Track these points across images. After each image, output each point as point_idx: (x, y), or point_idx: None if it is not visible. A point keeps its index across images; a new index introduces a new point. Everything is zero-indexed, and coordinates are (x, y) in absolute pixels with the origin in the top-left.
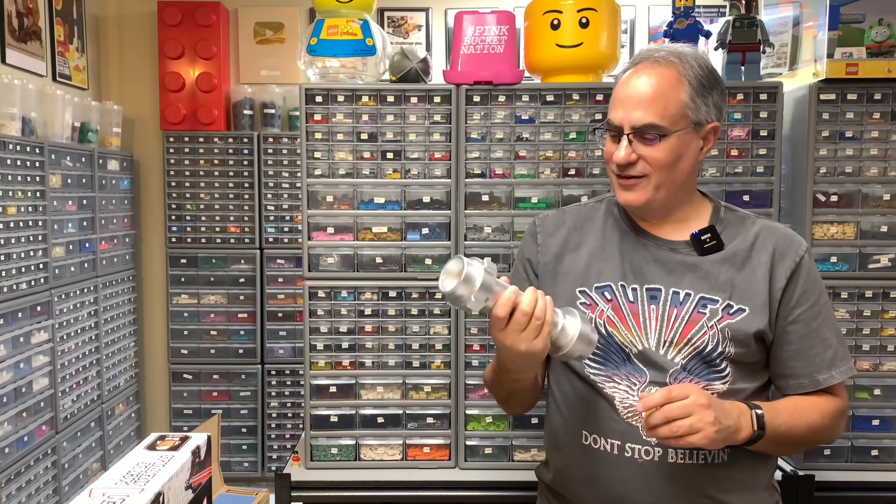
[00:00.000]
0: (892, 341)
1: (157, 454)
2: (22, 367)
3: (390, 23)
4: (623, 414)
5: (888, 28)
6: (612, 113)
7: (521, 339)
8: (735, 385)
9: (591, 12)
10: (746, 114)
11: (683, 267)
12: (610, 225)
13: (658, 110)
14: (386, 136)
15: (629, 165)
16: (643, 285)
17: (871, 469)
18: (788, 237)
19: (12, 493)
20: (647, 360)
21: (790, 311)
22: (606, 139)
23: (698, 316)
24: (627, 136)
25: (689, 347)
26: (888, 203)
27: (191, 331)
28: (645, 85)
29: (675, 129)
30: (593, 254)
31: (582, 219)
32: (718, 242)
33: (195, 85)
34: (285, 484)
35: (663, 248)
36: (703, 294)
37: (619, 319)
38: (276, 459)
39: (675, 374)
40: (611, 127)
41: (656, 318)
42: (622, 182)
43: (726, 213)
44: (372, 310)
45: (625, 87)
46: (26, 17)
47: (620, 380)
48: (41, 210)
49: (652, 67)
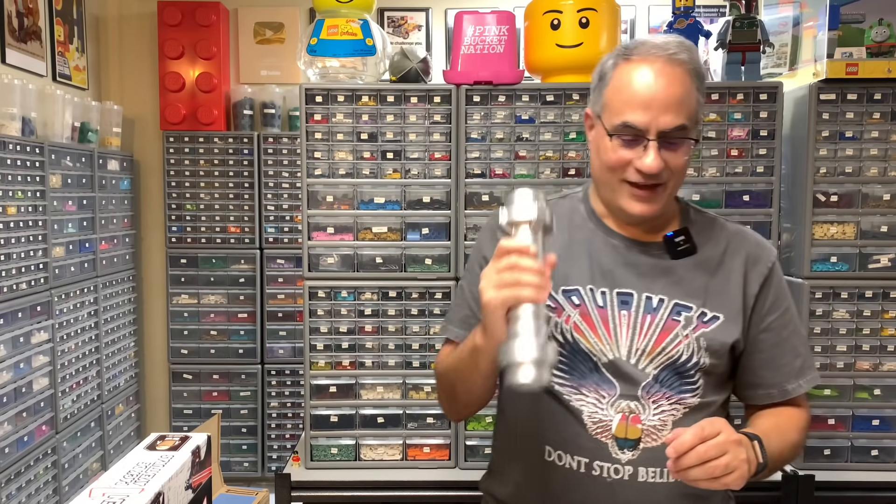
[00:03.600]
0: (892, 341)
1: (157, 454)
2: (22, 367)
3: (390, 23)
4: (591, 430)
5: (888, 28)
6: (632, 115)
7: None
8: (706, 398)
9: (591, 12)
10: (746, 114)
11: (656, 271)
12: (577, 223)
13: (686, 112)
14: (386, 136)
15: (656, 174)
16: (613, 289)
17: (871, 469)
18: (760, 244)
19: (12, 493)
20: (617, 371)
21: (762, 319)
22: (612, 143)
23: (673, 324)
24: (656, 142)
25: (663, 357)
26: (888, 203)
27: (191, 331)
28: (671, 85)
29: (695, 131)
30: (560, 254)
31: None
32: (692, 245)
33: (195, 85)
34: (285, 484)
35: (634, 249)
36: (677, 300)
37: (587, 326)
38: (276, 459)
39: (648, 388)
40: (628, 131)
41: (628, 325)
42: (640, 193)
43: (695, 214)
44: (372, 310)
45: (646, 87)
46: (26, 17)
47: (588, 392)
48: (41, 210)
49: (669, 65)
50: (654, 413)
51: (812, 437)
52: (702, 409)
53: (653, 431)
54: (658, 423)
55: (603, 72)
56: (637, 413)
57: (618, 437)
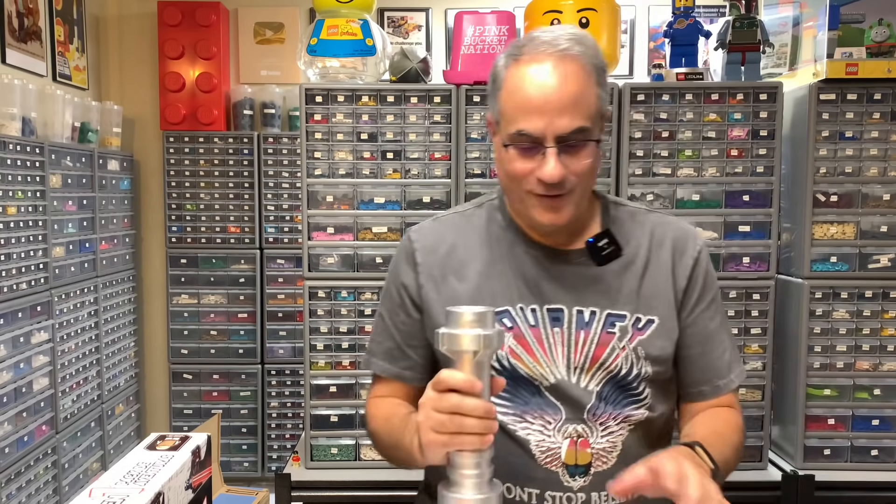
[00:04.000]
0: (892, 341)
1: (157, 454)
2: (22, 367)
3: (390, 23)
4: (541, 459)
5: (888, 28)
6: (526, 122)
7: (430, 417)
8: (655, 410)
9: (591, 12)
10: (746, 114)
11: (584, 281)
12: (495, 236)
13: (583, 112)
14: (386, 136)
15: (559, 182)
16: (543, 305)
17: (871, 469)
18: (684, 230)
19: (12, 493)
20: (561, 394)
21: (690, 313)
22: (510, 153)
23: (608, 337)
24: (555, 149)
25: (602, 372)
26: (888, 203)
27: (191, 331)
28: (564, 84)
29: (598, 132)
30: (483, 272)
31: (462, 231)
32: (616, 247)
33: (195, 85)
34: (285, 484)
35: (558, 260)
36: (609, 311)
37: (523, 349)
38: (276, 459)
39: (593, 409)
40: (523, 139)
41: (562, 342)
42: (547, 202)
43: (615, 209)
44: (372, 310)
45: (537, 90)
46: (26, 17)
47: (533, 419)
48: (41, 210)
49: (561, 61)
50: (602, 435)
51: (812, 437)
52: (650, 425)
53: (602, 454)
54: (607, 444)
55: (495, 74)
56: (585, 437)
57: (568, 465)
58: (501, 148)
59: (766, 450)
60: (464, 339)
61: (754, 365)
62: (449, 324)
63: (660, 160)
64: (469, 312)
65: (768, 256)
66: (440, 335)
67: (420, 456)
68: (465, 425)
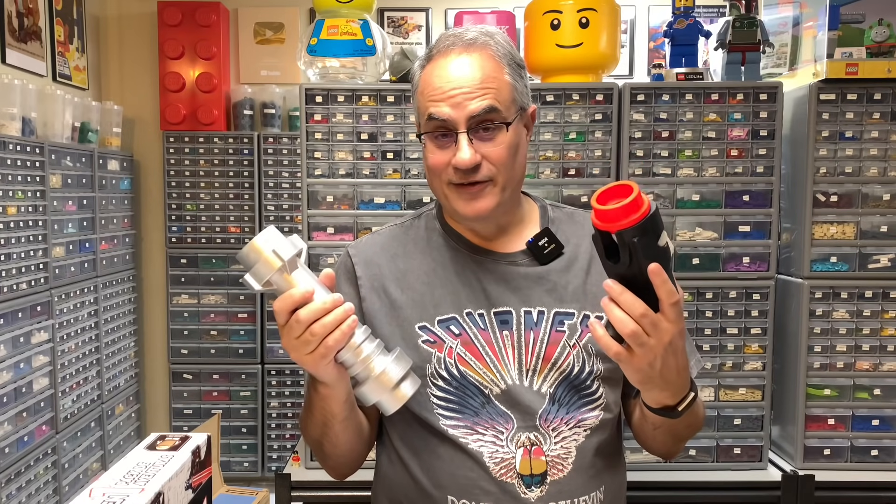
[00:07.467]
0: (892, 341)
1: (157, 454)
2: (22, 367)
3: (390, 23)
4: (495, 472)
5: (888, 28)
6: (436, 108)
7: (294, 346)
8: (610, 410)
9: (591, 12)
10: (746, 114)
11: (529, 281)
12: (436, 244)
13: (493, 94)
14: (386, 136)
15: (475, 169)
16: (490, 310)
17: (871, 469)
18: None
19: (12, 493)
20: (511, 401)
21: None
22: (428, 146)
23: (557, 335)
24: (467, 133)
25: (555, 372)
26: (888, 203)
27: (191, 331)
28: (469, 68)
29: (512, 116)
30: (426, 281)
31: (402, 241)
32: (557, 245)
33: (195, 85)
34: (285, 484)
35: (502, 262)
36: (556, 309)
37: (472, 356)
38: (276, 459)
39: (545, 415)
40: (436, 127)
41: (512, 345)
42: (467, 190)
43: (554, 211)
44: None
45: (443, 77)
46: (26, 17)
47: (484, 429)
48: (41, 210)
49: (466, 50)
50: (556, 441)
51: (812, 437)
52: (603, 429)
53: (557, 462)
54: (562, 451)
55: (412, 78)
56: (539, 444)
57: (523, 475)
58: (424, 146)
59: (766, 450)
60: (268, 261)
61: (754, 365)
62: (249, 265)
63: (660, 160)
64: (253, 244)
65: (768, 256)
66: (247, 279)
67: (321, 388)
68: (325, 328)
